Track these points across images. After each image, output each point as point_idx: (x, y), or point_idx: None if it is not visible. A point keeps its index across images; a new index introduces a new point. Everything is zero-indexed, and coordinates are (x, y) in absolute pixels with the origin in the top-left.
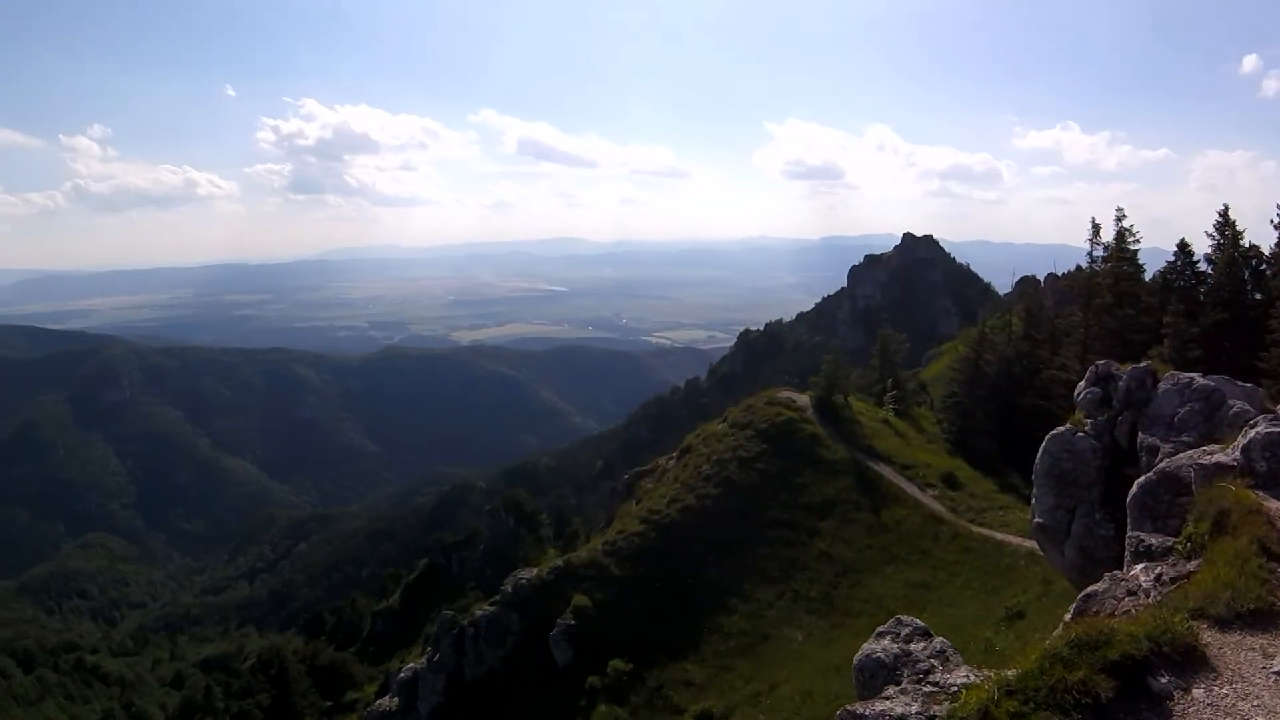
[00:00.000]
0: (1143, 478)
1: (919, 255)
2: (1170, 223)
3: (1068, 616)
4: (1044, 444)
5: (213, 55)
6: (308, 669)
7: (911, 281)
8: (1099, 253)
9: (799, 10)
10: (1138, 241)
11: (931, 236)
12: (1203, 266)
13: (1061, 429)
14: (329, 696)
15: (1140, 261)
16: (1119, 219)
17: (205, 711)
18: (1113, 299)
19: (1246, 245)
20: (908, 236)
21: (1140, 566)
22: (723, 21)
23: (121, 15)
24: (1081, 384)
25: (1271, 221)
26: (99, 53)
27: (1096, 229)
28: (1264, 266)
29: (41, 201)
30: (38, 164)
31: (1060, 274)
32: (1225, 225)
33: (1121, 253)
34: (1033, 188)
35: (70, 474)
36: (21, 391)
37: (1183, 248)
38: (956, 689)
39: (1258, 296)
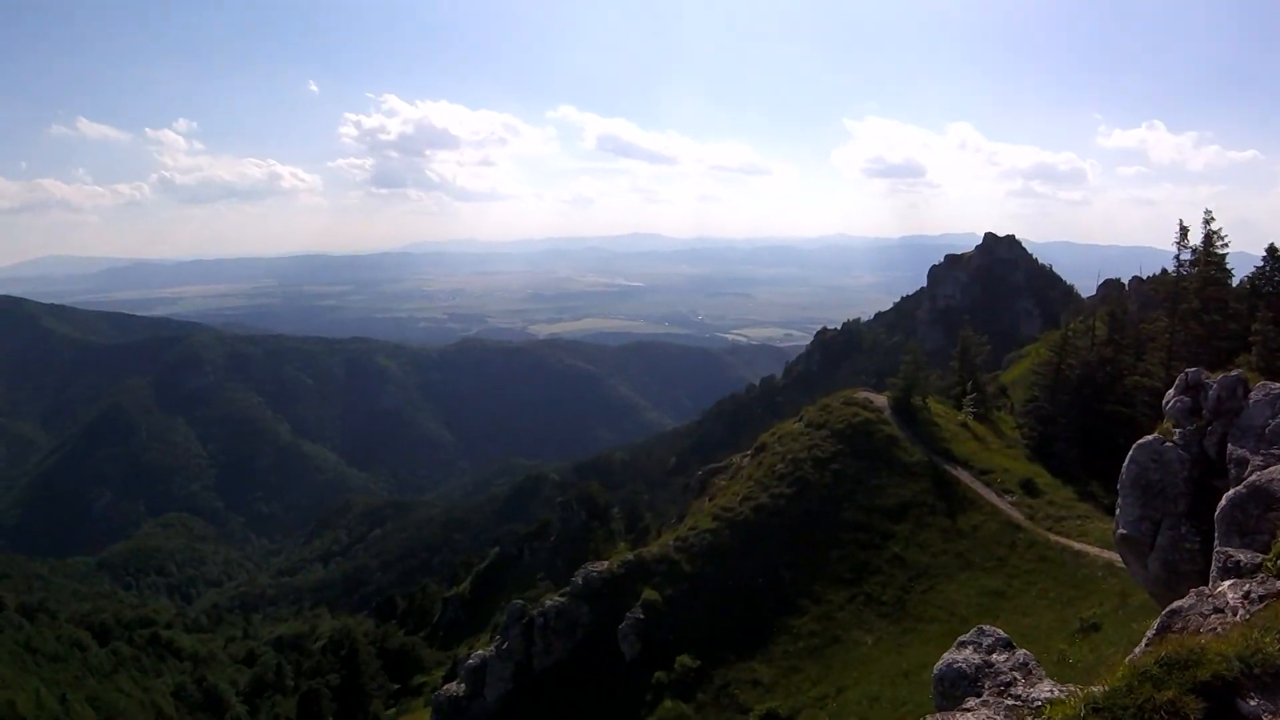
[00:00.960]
0: (1231, 491)
1: (1000, 255)
2: (1259, 226)
3: (1150, 633)
4: (1131, 453)
5: (296, 52)
6: (378, 651)
7: (993, 282)
8: (1186, 256)
9: (880, 6)
10: (1226, 245)
11: (1013, 237)
12: None
13: (1149, 438)
14: (397, 679)
15: (1228, 266)
16: (1207, 221)
17: (276, 689)
18: (1199, 304)
19: None
20: (989, 236)
21: (1228, 583)
22: (803, 17)
23: (207, 14)
24: (1170, 392)
25: None
26: (184, 50)
27: (1184, 232)
28: None
29: (129, 193)
30: (126, 157)
31: (1145, 277)
32: None
33: (1209, 257)
34: (1118, 188)
35: (153, 456)
36: (108, 376)
37: (1271, 253)
38: (1040, 704)
39: None
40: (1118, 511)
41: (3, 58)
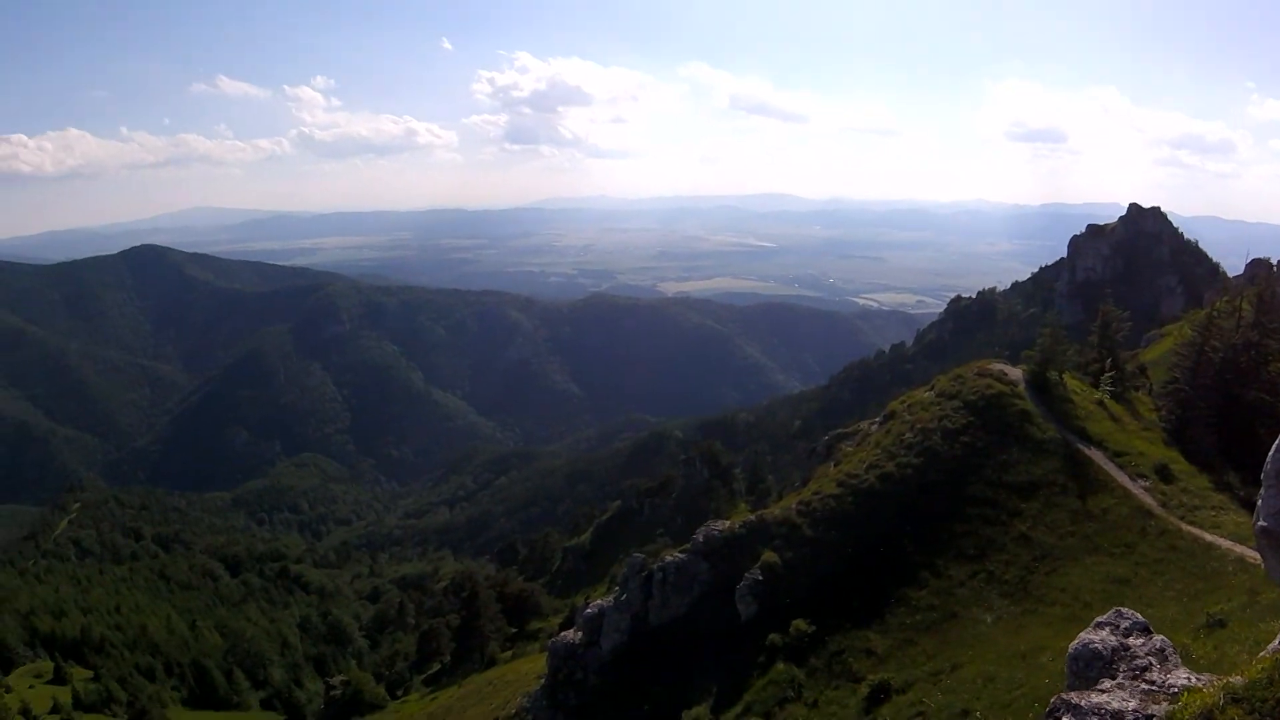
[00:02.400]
0: None
1: (1144, 228)
2: None
3: None
4: (1278, 442)
5: (429, 9)
6: (497, 595)
7: (1135, 256)
8: None
9: None
10: None
11: (1159, 209)
12: None
13: None
14: (514, 624)
15: None
16: None
17: (397, 626)
18: None
19: None
20: (1133, 207)
21: None
22: None
23: None
24: None
25: None
26: (321, 8)
27: None
28: None
29: (269, 147)
30: (265, 113)
31: None
32: None
33: None
34: (1270, 161)
35: (290, 399)
36: (249, 321)
37: None
38: (1176, 690)
39: None
40: (1259, 503)
41: (145, 18)
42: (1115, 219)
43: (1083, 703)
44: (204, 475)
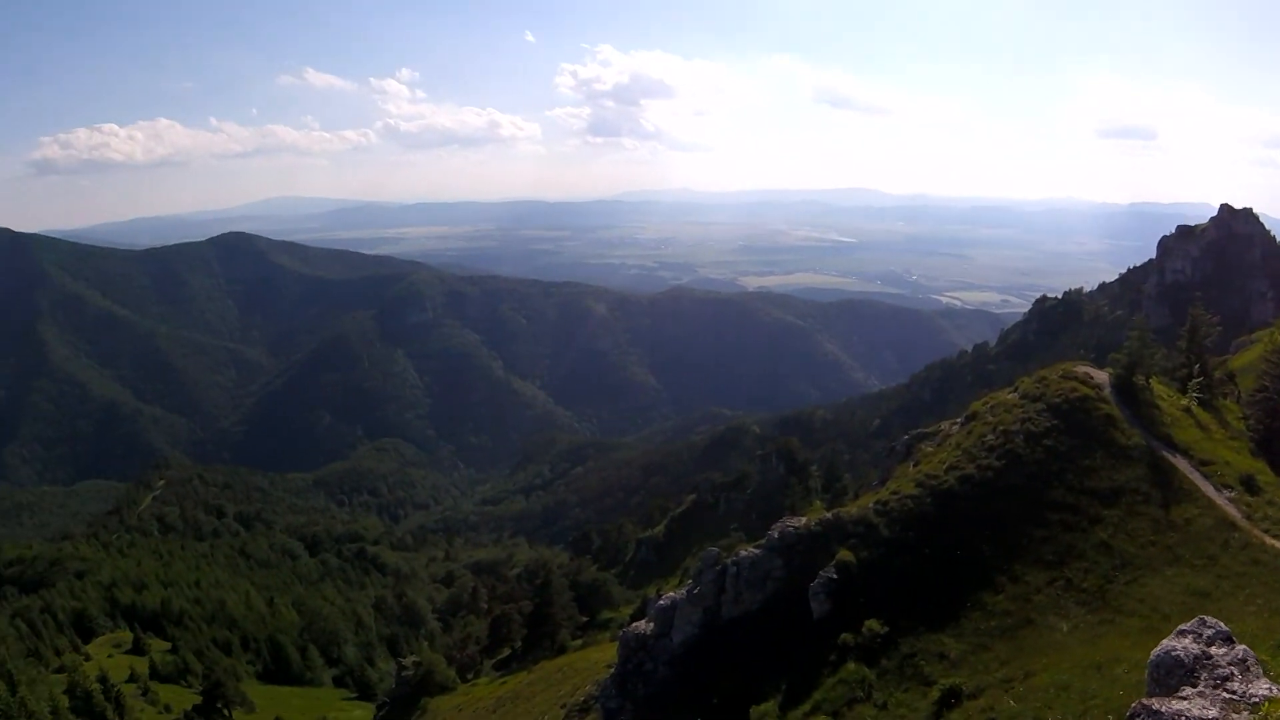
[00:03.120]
0: None
1: (1236, 230)
2: None
3: None
4: None
5: (512, 2)
6: (570, 584)
7: (1226, 259)
8: None
9: None
10: None
11: (1251, 210)
12: None
13: None
14: (585, 612)
15: None
16: None
17: (469, 610)
18: None
19: None
20: (1225, 208)
21: None
22: None
23: None
24: None
25: None
26: (404, 1)
27: None
28: None
29: (355, 139)
30: (351, 104)
31: None
32: None
33: None
34: None
35: (372, 384)
36: (334, 308)
37: None
38: (1258, 700)
39: None
40: None
41: (233, 10)
42: (1206, 220)
43: (1163, 709)
44: (286, 456)
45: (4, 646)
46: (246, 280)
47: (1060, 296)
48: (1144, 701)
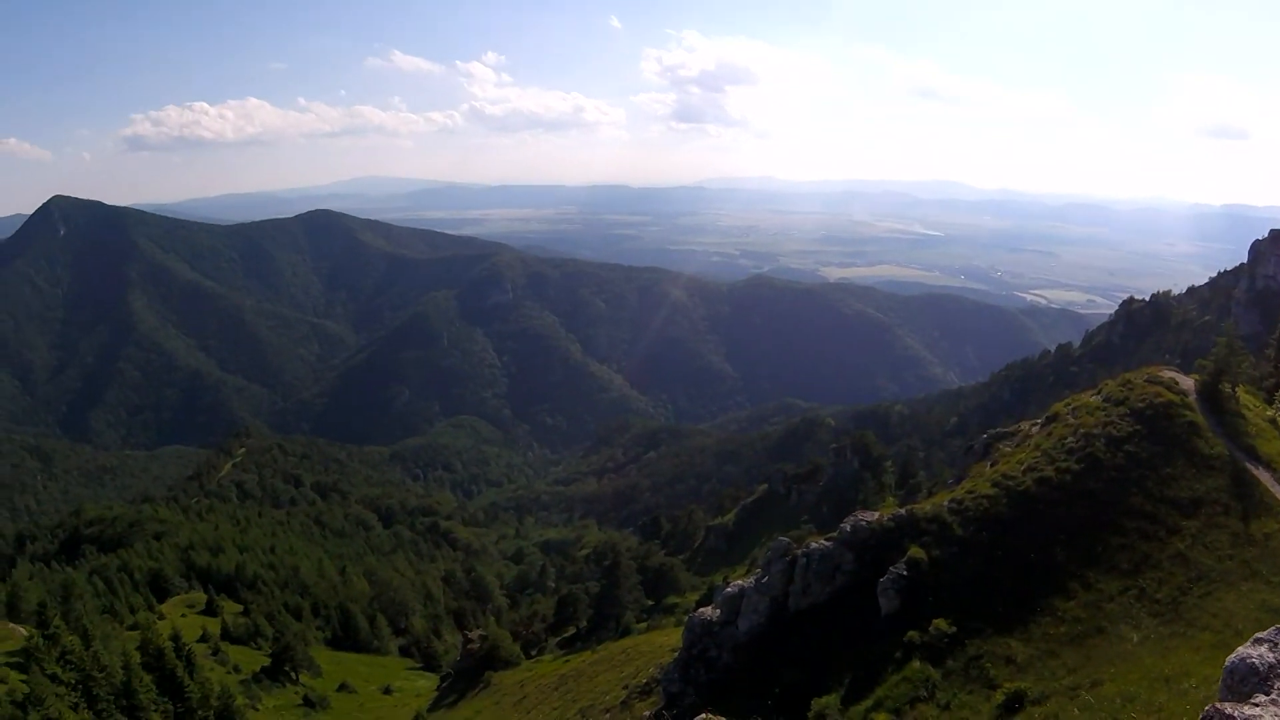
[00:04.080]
0: None
1: None
2: None
3: None
4: None
5: None
6: (638, 567)
7: None
8: None
9: None
10: None
11: None
12: None
13: None
14: (651, 596)
15: None
16: None
17: (537, 588)
18: None
19: None
20: None
21: None
22: None
23: None
24: None
25: None
26: None
27: None
28: None
29: (441, 120)
30: (438, 87)
31: None
32: None
33: None
34: None
35: (452, 362)
36: (417, 286)
37: None
38: None
39: None
40: None
41: None
42: None
43: (1236, 714)
44: (364, 430)
45: (81, 603)
46: (332, 257)
47: (1148, 299)
48: (1217, 706)
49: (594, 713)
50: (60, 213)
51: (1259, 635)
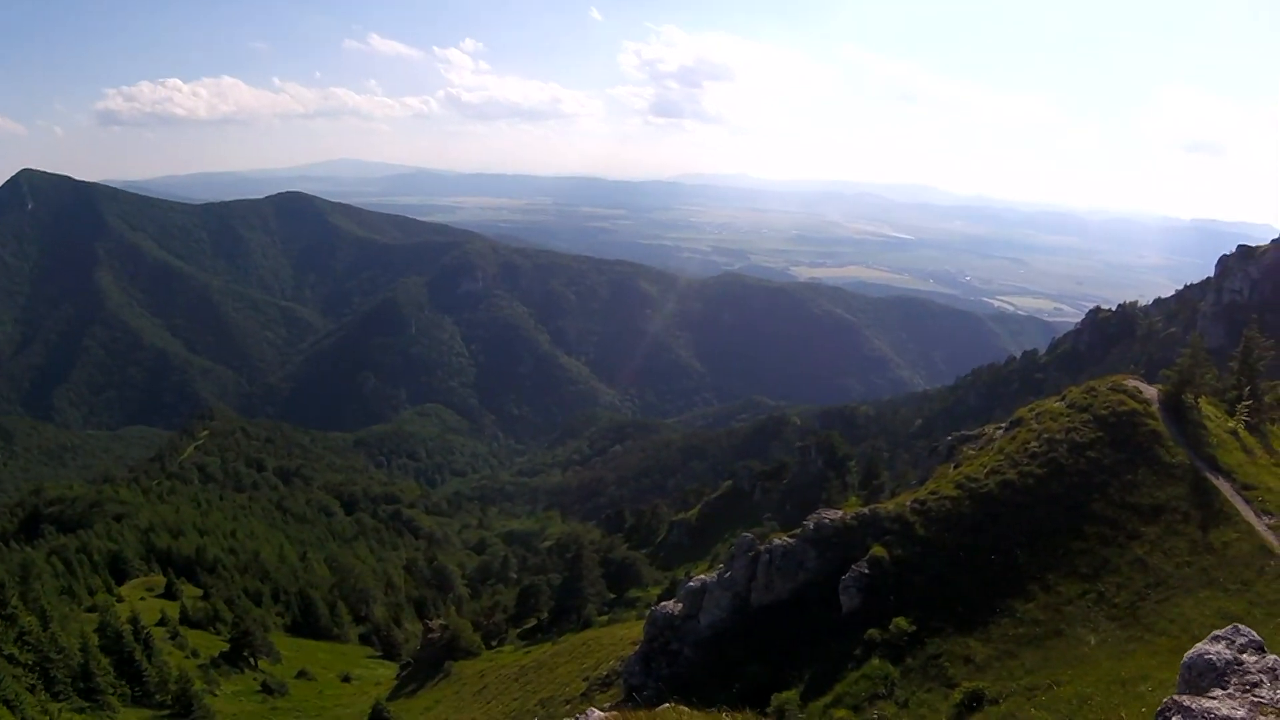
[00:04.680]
0: None
1: None
2: None
3: None
4: None
5: None
6: (600, 560)
7: None
8: None
9: None
10: None
11: None
12: None
13: None
14: (614, 589)
15: None
16: None
17: (499, 578)
18: None
19: None
20: None
21: None
22: None
23: None
24: None
25: None
26: None
27: None
28: None
29: (417, 106)
30: (415, 72)
31: None
32: None
33: None
34: None
35: (420, 350)
36: (387, 272)
37: None
38: None
39: None
40: None
41: None
42: (1269, 240)
43: (1194, 706)
44: (330, 415)
45: (39, 583)
46: (302, 240)
47: (1115, 309)
48: (1175, 698)
49: (554, 704)
50: (29, 186)
51: (1217, 633)
